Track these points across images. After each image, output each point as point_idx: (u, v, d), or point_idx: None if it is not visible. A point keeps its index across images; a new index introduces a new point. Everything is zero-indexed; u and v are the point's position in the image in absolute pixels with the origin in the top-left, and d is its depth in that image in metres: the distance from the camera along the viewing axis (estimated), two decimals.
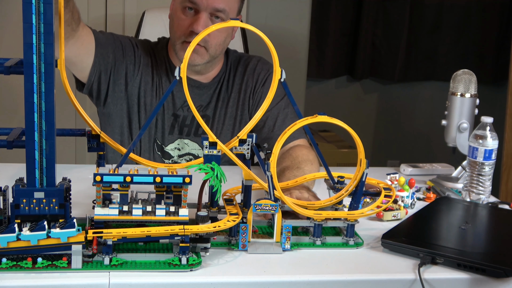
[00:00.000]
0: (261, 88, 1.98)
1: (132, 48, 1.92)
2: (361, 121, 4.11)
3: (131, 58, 1.91)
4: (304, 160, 1.73)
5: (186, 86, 1.27)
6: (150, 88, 1.93)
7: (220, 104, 1.97)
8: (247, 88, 1.98)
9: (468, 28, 4.07)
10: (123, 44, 1.91)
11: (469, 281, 1.25)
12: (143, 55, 1.94)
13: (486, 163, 1.64)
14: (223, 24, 1.30)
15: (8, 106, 3.03)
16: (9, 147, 1.17)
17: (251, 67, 2.00)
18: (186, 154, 1.97)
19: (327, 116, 1.30)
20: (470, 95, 1.82)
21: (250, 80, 1.99)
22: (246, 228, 1.30)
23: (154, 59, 1.96)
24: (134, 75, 1.91)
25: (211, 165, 1.26)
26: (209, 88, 1.97)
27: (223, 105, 1.98)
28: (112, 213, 1.20)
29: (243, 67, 2.01)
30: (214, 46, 1.86)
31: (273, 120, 1.92)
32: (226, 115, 1.97)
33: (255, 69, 2.00)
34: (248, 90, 1.98)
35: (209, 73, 1.96)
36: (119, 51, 1.88)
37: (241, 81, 1.99)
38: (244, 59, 2.03)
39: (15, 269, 1.14)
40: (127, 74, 1.90)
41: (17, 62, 1.16)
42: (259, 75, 1.99)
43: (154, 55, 1.97)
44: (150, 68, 1.94)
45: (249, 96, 1.98)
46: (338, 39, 3.95)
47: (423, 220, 1.50)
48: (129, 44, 1.92)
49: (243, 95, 1.98)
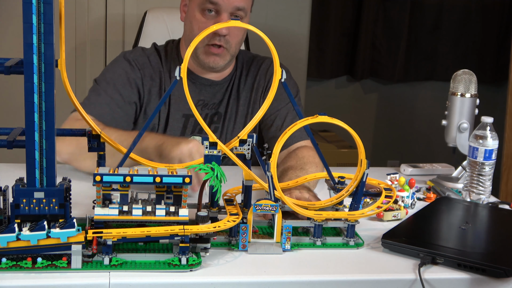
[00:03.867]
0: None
1: (128, 83, 1.89)
2: (361, 121, 4.11)
3: (132, 92, 1.89)
4: (309, 162, 1.72)
5: (186, 85, 1.27)
6: (156, 93, 1.93)
7: (231, 102, 1.99)
8: (259, 88, 2.00)
9: (468, 28, 4.08)
10: (118, 90, 1.88)
11: (469, 281, 1.25)
12: (141, 75, 1.92)
13: (486, 163, 1.64)
14: (223, 24, 1.30)
15: (8, 106, 3.03)
16: (9, 147, 1.17)
17: (264, 67, 2.02)
18: None
19: (328, 116, 1.30)
20: (470, 95, 1.82)
21: (263, 80, 2.00)
22: (246, 228, 1.30)
23: (161, 63, 1.95)
24: (145, 100, 1.91)
25: (211, 165, 1.26)
26: (222, 86, 1.98)
27: (234, 103, 1.99)
28: (112, 213, 1.20)
29: (256, 67, 2.02)
30: (235, 45, 1.88)
31: (282, 120, 1.94)
32: (238, 113, 1.99)
33: (268, 69, 2.01)
34: (260, 89, 2.00)
35: (224, 71, 1.97)
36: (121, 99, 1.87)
37: (254, 81, 2.00)
38: (258, 59, 2.05)
39: (15, 269, 1.14)
40: (142, 103, 1.91)
41: (17, 62, 1.16)
42: (272, 76, 1.99)
43: (160, 59, 1.96)
44: (157, 75, 1.93)
45: (261, 95, 2.00)
46: (338, 39, 3.95)
47: (423, 220, 1.50)
48: (122, 82, 1.89)
49: (255, 94, 2.00)
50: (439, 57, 4.09)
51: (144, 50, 1.99)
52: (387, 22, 3.99)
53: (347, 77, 4.10)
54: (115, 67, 1.92)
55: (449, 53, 4.09)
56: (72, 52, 3.00)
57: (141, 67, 1.93)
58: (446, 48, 4.09)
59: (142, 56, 1.95)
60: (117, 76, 1.90)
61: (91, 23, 3.02)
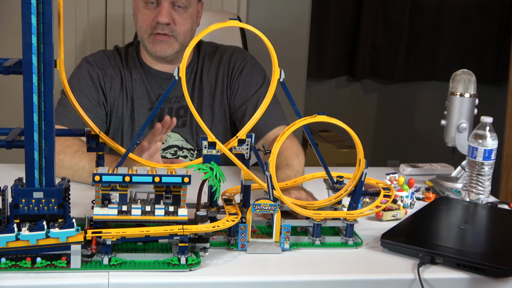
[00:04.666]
0: (239, 76, 1.99)
1: (93, 85, 1.94)
2: (361, 121, 4.11)
3: (98, 93, 1.94)
4: (289, 155, 1.72)
5: (185, 84, 1.27)
6: (119, 90, 1.97)
7: (196, 94, 2.00)
8: (224, 77, 2.01)
9: (468, 28, 4.08)
10: (84, 94, 1.92)
11: (469, 281, 1.25)
12: (102, 74, 1.96)
13: (485, 163, 1.64)
14: (223, 24, 1.30)
15: (7, 106, 3.03)
16: (8, 147, 1.17)
17: (226, 56, 2.03)
18: (170, 146, 1.98)
19: (326, 116, 1.30)
20: (469, 95, 1.82)
21: (226, 69, 2.01)
22: (245, 228, 1.30)
23: (121, 62, 1.99)
24: (109, 97, 1.96)
25: (210, 165, 1.26)
26: None
27: (199, 95, 2.00)
28: (111, 213, 1.20)
29: (219, 57, 2.03)
30: (183, 34, 1.90)
31: (253, 109, 1.94)
32: (203, 104, 1.99)
33: (231, 58, 2.02)
34: (225, 79, 2.01)
35: (180, 63, 1.97)
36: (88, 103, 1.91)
37: (217, 71, 2.01)
38: (221, 49, 2.06)
39: (14, 269, 1.14)
40: (106, 100, 1.96)
41: (16, 62, 1.16)
42: (235, 63, 2.02)
43: (121, 59, 2.00)
44: (117, 73, 1.97)
45: (227, 85, 2.00)
46: (338, 39, 3.95)
47: (423, 220, 1.50)
48: (87, 85, 1.93)
49: (221, 84, 2.00)
50: (439, 57, 4.09)
51: (104, 52, 2.04)
52: (387, 22, 3.99)
53: (347, 77, 4.10)
54: (78, 73, 1.96)
55: (449, 53, 4.09)
56: (72, 52, 3.00)
57: (101, 67, 1.97)
58: (446, 48, 4.09)
59: (102, 57, 2.00)
60: (82, 80, 1.94)
61: (91, 23, 3.02)
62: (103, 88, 1.95)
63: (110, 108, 1.96)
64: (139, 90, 1.97)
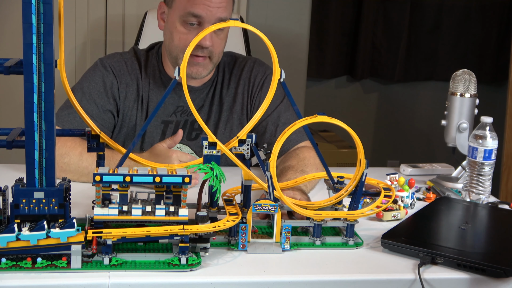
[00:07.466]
0: (259, 92, 1.94)
1: (104, 92, 1.87)
2: (361, 121, 4.11)
3: (109, 102, 1.88)
4: (310, 164, 1.70)
5: (186, 87, 1.27)
6: (134, 100, 1.91)
7: (214, 108, 1.94)
8: (244, 92, 1.95)
9: (468, 28, 4.07)
10: (93, 100, 1.86)
11: (469, 281, 1.25)
12: (117, 82, 1.89)
13: (485, 163, 1.64)
14: (223, 24, 1.30)
15: (8, 106, 3.03)
16: (8, 147, 1.17)
17: (247, 69, 1.97)
18: None
19: (327, 116, 1.30)
20: (469, 95, 1.82)
21: (246, 84, 1.95)
22: (245, 228, 1.30)
23: (140, 69, 1.93)
24: (121, 106, 1.90)
25: (211, 165, 1.26)
26: (201, 91, 1.93)
27: (217, 109, 1.94)
28: (111, 213, 1.20)
29: (239, 69, 1.97)
30: (218, 55, 1.85)
31: (275, 126, 1.89)
32: (220, 119, 1.94)
33: (251, 72, 1.96)
34: (246, 94, 1.95)
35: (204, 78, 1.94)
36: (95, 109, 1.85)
37: (237, 85, 1.96)
38: (239, 61, 2.00)
39: (14, 269, 1.14)
40: (119, 110, 1.90)
41: (16, 62, 1.16)
42: (255, 78, 1.96)
43: (139, 65, 1.93)
44: (134, 82, 1.91)
45: (247, 101, 1.95)
46: (338, 39, 3.95)
47: (423, 220, 1.50)
48: (98, 92, 1.87)
49: (240, 99, 1.95)
50: (439, 57, 4.09)
51: (122, 55, 1.95)
52: (387, 22, 3.99)
53: (347, 77, 4.09)
54: (93, 75, 1.89)
55: (449, 53, 4.09)
56: (72, 52, 3.00)
57: (117, 74, 1.89)
58: (446, 48, 4.09)
59: (119, 62, 1.92)
60: (94, 85, 1.87)
61: (91, 23, 3.02)
62: (116, 97, 1.88)
63: (122, 117, 1.90)
64: (155, 100, 1.90)
